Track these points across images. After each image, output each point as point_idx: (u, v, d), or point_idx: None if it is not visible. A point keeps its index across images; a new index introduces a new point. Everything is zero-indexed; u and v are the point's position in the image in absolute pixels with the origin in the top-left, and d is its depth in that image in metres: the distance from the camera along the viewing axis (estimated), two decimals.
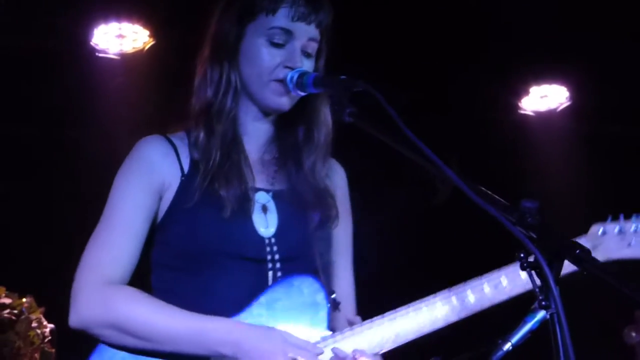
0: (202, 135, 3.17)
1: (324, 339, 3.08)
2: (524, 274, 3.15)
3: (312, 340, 3.04)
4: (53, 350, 5.28)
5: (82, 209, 6.45)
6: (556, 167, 7.87)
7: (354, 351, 3.05)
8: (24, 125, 6.66)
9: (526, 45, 6.90)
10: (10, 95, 6.37)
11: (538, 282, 2.42)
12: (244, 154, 3.21)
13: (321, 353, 3.01)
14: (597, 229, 3.36)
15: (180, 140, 3.22)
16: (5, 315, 5.14)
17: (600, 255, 3.30)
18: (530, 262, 2.40)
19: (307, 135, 3.27)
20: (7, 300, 5.18)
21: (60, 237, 6.51)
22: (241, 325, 2.99)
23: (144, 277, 3.22)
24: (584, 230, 3.47)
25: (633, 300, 2.50)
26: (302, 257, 3.20)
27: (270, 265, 3.13)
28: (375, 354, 3.11)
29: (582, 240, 3.25)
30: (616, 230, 3.38)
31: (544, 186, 7.67)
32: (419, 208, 7.61)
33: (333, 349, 3.04)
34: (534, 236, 2.41)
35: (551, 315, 2.34)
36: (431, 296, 3.19)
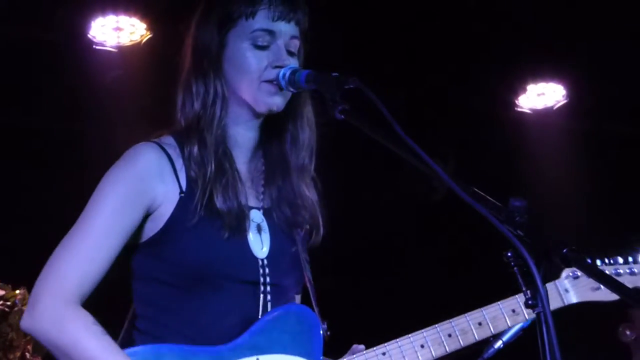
0: (195, 149, 3.11)
1: None
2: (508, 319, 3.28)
3: None
4: None
5: (78, 202, 6.48)
6: (553, 164, 7.89)
7: None
8: (21, 117, 6.66)
9: (524, 43, 6.91)
10: (7, 87, 6.37)
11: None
12: (236, 170, 3.18)
13: None
14: (570, 272, 3.42)
15: (174, 150, 3.14)
16: None
17: (574, 297, 3.45)
18: (517, 260, 2.41)
19: (293, 137, 3.25)
20: (0, 292, 5.19)
21: (56, 230, 6.51)
22: None
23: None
24: (580, 231, 3.49)
25: (622, 298, 2.51)
26: (291, 281, 3.20)
27: (262, 288, 3.12)
28: None
29: (557, 283, 3.42)
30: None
31: (540, 183, 7.69)
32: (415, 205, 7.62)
33: None
34: (522, 235, 2.42)
35: (538, 314, 2.35)
36: (418, 331, 3.25)
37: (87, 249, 3.02)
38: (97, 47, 6.66)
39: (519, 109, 7.92)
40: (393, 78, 6.72)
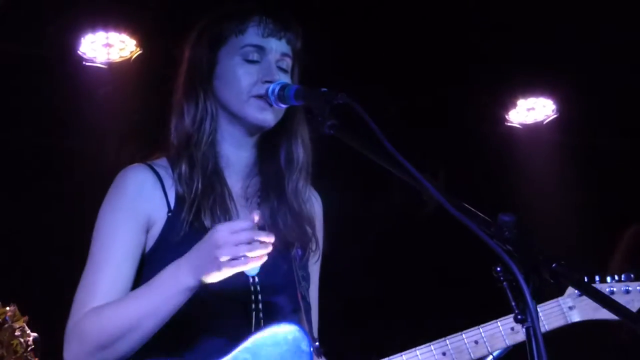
0: (184, 167, 3.14)
1: None
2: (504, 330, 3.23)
3: None
4: (36, 359, 5.26)
5: (68, 217, 6.48)
6: (543, 179, 7.90)
7: None
8: (11, 133, 6.64)
9: (513, 58, 6.93)
10: None
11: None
12: (227, 188, 3.19)
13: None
14: (574, 290, 3.35)
15: (165, 171, 3.18)
16: None
17: (577, 315, 3.31)
18: (507, 275, 2.41)
19: (288, 157, 3.27)
20: None
21: (46, 246, 6.51)
22: (182, 256, 2.95)
23: None
24: (571, 245, 3.46)
25: (613, 313, 2.52)
26: (284, 300, 3.19)
27: (253, 305, 3.12)
28: None
29: (560, 300, 3.28)
30: None
31: (530, 198, 7.70)
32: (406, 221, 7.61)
33: None
34: (511, 249, 2.42)
35: (527, 329, 2.35)
36: (417, 347, 3.20)
37: (102, 283, 3.05)
38: (87, 64, 6.66)
39: (508, 124, 7.93)
40: (381, 93, 6.74)
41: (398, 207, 7.31)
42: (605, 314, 3.34)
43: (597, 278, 3.40)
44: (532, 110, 7.89)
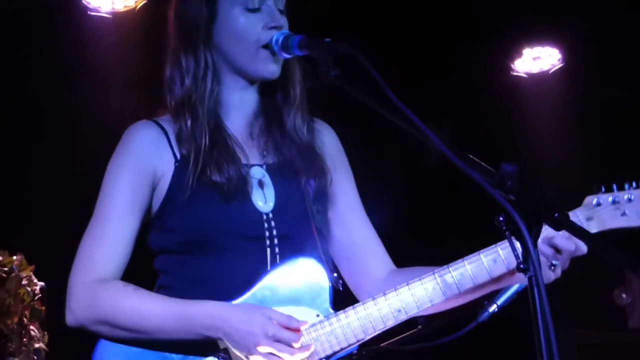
0: (187, 124, 3.16)
1: (327, 317, 3.10)
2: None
3: (313, 320, 3.08)
4: (43, 307, 5.30)
5: (73, 167, 6.49)
6: (548, 128, 7.89)
7: None
8: (15, 83, 6.63)
9: (519, 7, 6.89)
10: (1, 53, 6.35)
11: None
12: (228, 134, 3.21)
13: (304, 324, 3.05)
14: (591, 200, 3.31)
15: (169, 124, 3.21)
16: None
17: (595, 226, 3.25)
18: (509, 225, 2.42)
19: (284, 95, 3.28)
20: None
21: (52, 195, 6.53)
22: (223, 308, 3.02)
23: (143, 263, 3.25)
24: (577, 194, 3.42)
25: (612, 262, 2.53)
26: (299, 233, 3.20)
27: (268, 242, 3.15)
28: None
29: (577, 212, 3.24)
30: (610, 199, 3.34)
31: (535, 147, 7.70)
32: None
33: None
34: (514, 199, 2.43)
35: (529, 278, 2.36)
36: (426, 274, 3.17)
37: (107, 234, 3.11)
38: (92, 13, 6.64)
39: (514, 73, 7.91)
40: (386, 43, 6.71)
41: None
42: (622, 222, 3.31)
43: (614, 186, 3.36)
44: (538, 59, 7.87)
